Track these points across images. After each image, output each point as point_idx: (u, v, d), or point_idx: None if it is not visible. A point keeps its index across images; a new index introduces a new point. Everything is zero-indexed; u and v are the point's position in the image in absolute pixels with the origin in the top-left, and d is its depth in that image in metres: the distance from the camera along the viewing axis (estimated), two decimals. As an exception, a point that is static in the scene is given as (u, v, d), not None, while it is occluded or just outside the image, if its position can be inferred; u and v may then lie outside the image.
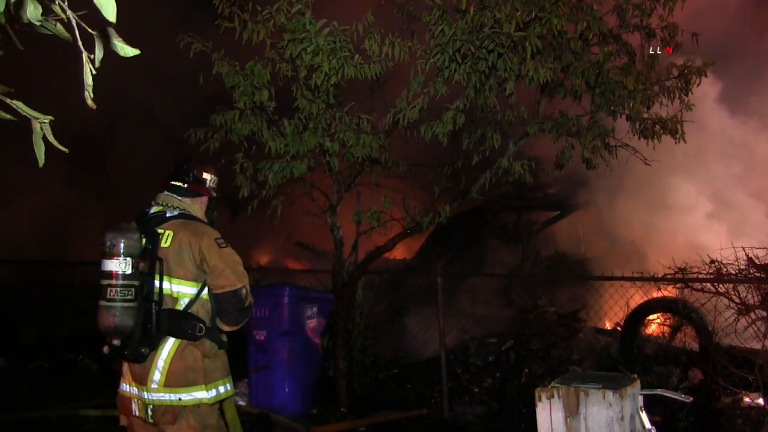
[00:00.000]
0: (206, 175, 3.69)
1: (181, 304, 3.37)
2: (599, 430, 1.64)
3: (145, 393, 3.36)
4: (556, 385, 1.71)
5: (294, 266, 11.14)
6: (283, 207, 6.31)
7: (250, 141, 6.09)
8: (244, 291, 3.41)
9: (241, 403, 6.71)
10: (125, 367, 3.51)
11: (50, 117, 1.55)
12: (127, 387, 3.48)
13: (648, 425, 1.66)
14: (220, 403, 3.52)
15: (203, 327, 3.34)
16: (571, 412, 1.65)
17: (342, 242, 6.69)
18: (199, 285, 3.40)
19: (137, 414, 3.44)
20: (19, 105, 1.53)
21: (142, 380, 3.38)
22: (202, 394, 3.35)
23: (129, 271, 3.19)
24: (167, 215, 3.49)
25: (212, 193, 3.72)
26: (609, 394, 1.65)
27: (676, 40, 5.79)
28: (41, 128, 1.55)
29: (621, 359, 6.63)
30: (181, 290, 3.38)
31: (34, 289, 10.95)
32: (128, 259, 3.19)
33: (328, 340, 6.98)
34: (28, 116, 1.53)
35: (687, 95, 5.78)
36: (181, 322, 3.33)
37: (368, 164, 6.38)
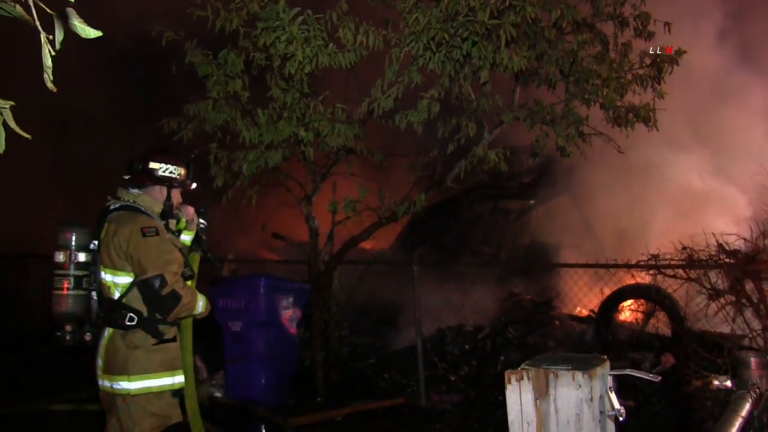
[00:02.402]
0: (155, 165, 3.61)
1: (115, 294, 3.43)
2: (569, 411, 1.66)
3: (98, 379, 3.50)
4: (526, 367, 1.72)
5: (269, 257, 11.06)
6: (258, 197, 6.27)
7: (224, 131, 6.04)
8: (156, 281, 3.32)
9: (218, 394, 6.68)
10: None
11: (11, 102, 1.51)
12: None
13: (617, 405, 1.68)
14: (180, 394, 3.53)
15: (134, 317, 3.38)
16: (541, 393, 1.67)
17: (317, 232, 6.67)
18: (133, 275, 3.41)
19: None
20: (-23, 89, 1.48)
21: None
22: (126, 385, 3.37)
23: (77, 262, 3.43)
24: (111, 208, 3.55)
25: (163, 182, 3.62)
26: (578, 375, 1.66)
27: (648, 29, 5.84)
28: (1, 114, 1.50)
29: (596, 345, 6.72)
30: (113, 280, 3.44)
31: (5, 284, 10.73)
32: (76, 251, 3.43)
33: (305, 330, 6.97)
34: (-13, 101, 1.48)
35: (659, 83, 5.84)
36: (111, 312, 3.42)
37: (343, 154, 6.36)
